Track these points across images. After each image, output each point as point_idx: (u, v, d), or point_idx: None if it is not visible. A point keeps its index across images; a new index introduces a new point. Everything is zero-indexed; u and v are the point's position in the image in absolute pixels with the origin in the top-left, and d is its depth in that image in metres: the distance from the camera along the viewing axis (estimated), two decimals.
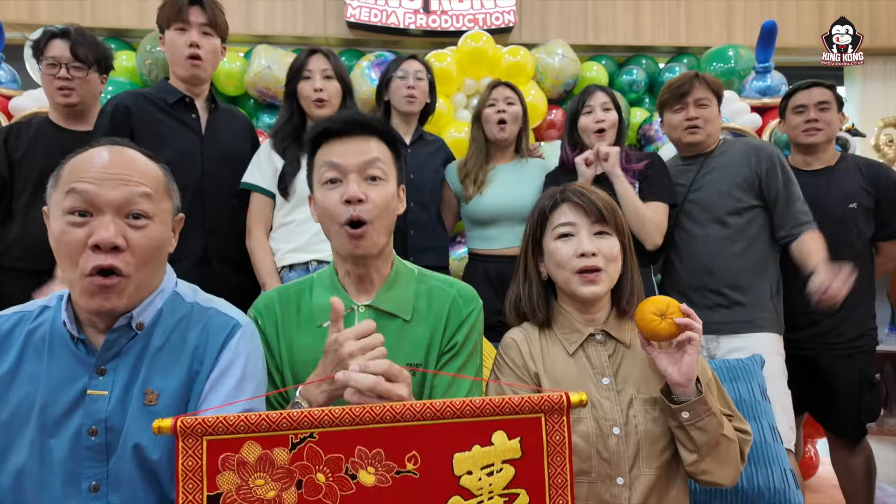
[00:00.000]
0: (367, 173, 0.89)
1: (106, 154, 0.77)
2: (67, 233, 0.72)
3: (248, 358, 0.80)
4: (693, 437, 0.85)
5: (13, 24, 2.86)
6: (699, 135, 1.64)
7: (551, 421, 0.60)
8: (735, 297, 1.55)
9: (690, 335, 0.84)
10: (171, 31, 1.56)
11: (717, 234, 1.58)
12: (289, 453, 0.58)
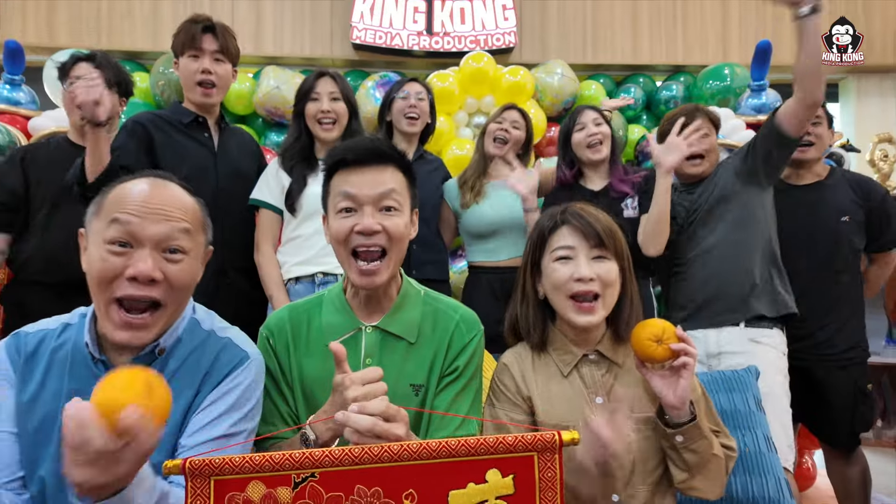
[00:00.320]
0: (381, 204, 0.91)
1: (148, 187, 0.81)
2: (107, 261, 0.77)
3: (245, 390, 0.84)
4: (685, 458, 0.88)
5: (33, 46, 2.95)
6: (702, 166, 1.68)
7: (543, 459, 0.64)
8: None
9: (685, 360, 0.87)
10: (185, 57, 1.63)
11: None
12: (291, 492, 0.61)
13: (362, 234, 0.90)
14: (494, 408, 0.99)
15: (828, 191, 1.77)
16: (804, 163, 1.80)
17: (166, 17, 3.07)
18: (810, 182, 1.81)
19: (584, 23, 3.28)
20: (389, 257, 0.92)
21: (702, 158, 1.66)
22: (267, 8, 3.11)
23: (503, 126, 1.80)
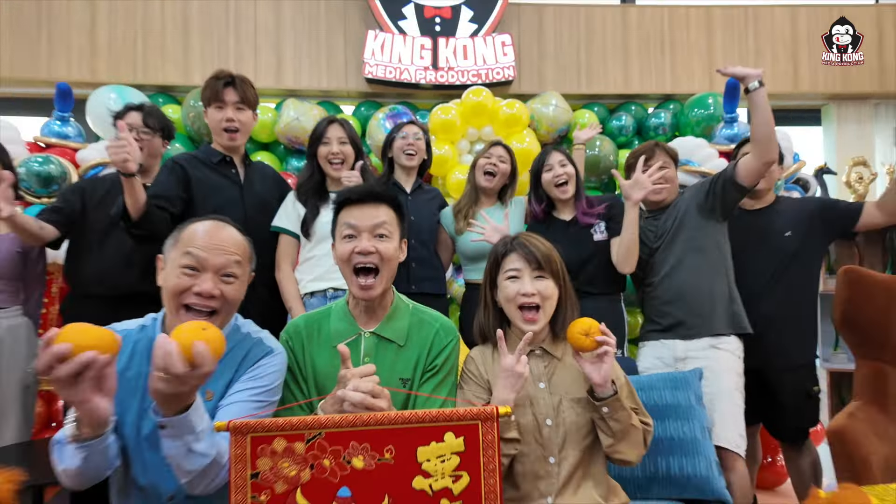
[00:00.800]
0: (376, 232, 1.17)
1: (212, 228, 1.11)
2: (180, 279, 1.06)
3: (270, 374, 1.11)
4: (610, 426, 1.11)
5: (77, 82, 3.27)
6: (664, 193, 1.92)
7: (485, 426, 0.88)
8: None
9: (606, 349, 1.11)
10: (212, 108, 1.90)
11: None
12: (304, 445, 0.86)
13: (360, 254, 1.16)
14: (463, 389, 1.23)
15: (774, 214, 1.99)
16: (757, 192, 2.02)
17: (195, 55, 3.39)
18: (761, 207, 2.03)
19: (578, 55, 3.52)
20: (381, 275, 1.17)
21: (663, 187, 1.90)
22: (287, 45, 3.41)
23: (491, 160, 2.04)
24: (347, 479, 0.86)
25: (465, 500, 0.87)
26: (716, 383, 1.66)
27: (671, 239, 1.85)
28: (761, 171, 1.78)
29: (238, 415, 0.99)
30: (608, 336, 1.11)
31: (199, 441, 0.92)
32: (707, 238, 1.82)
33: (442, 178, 2.95)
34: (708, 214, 1.83)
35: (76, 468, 0.93)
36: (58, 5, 3.31)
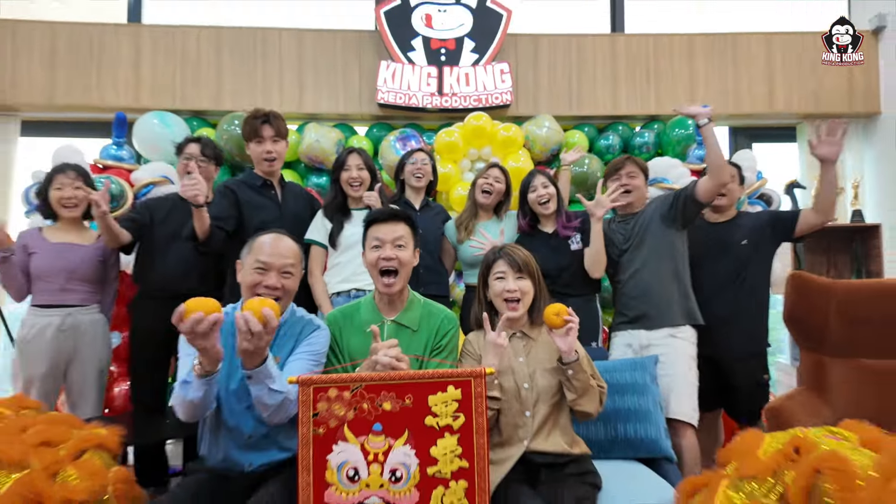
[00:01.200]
0: (396, 243, 1.56)
1: (274, 240, 1.51)
2: (254, 277, 1.45)
3: (317, 343, 1.50)
4: (574, 384, 1.47)
5: (123, 108, 3.69)
6: (630, 197, 2.28)
7: (476, 382, 1.24)
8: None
9: (571, 325, 1.47)
10: (252, 143, 2.28)
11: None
12: (350, 394, 1.23)
13: (385, 260, 1.54)
14: (462, 363, 1.60)
15: (734, 226, 2.34)
16: (719, 208, 2.37)
17: (226, 84, 3.78)
18: (723, 221, 2.38)
19: (570, 80, 3.88)
20: (400, 275, 1.55)
21: (629, 192, 2.26)
22: (308, 74, 3.80)
23: (488, 180, 2.41)
24: (379, 417, 1.23)
25: (462, 433, 1.24)
26: (673, 367, 2.02)
27: (638, 243, 2.20)
28: (716, 191, 2.13)
29: (300, 372, 1.37)
30: (572, 317, 1.48)
31: (275, 383, 1.30)
32: (668, 244, 2.17)
33: (446, 192, 3.32)
34: (670, 223, 2.18)
35: (199, 399, 1.30)
36: (108, 41, 3.73)
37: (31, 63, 3.71)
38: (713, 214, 2.40)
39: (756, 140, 4.19)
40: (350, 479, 1.21)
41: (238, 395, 1.40)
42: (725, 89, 3.90)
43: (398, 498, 1.20)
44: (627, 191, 2.27)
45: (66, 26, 3.74)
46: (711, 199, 2.17)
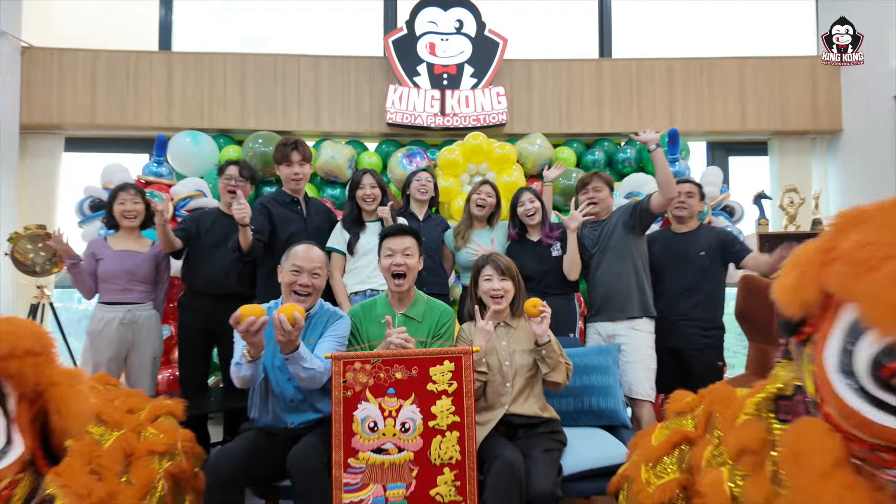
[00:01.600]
0: (405, 252, 1.96)
1: (306, 248, 1.91)
2: (291, 277, 1.85)
3: (341, 328, 1.89)
4: (546, 361, 1.87)
5: (156, 127, 4.12)
6: (597, 207, 2.68)
7: (466, 357, 1.65)
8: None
9: (544, 315, 1.86)
10: (282, 166, 2.69)
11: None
12: (370, 366, 1.63)
13: (396, 266, 1.94)
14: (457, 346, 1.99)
15: (694, 237, 2.73)
16: (682, 219, 2.77)
17: (250, 105, 4.20)
18: (685, 231, 2.77)
19: (560, 101, 4.27)
20: (408, 278, 1.96)
21: (595, 205, 2.67)
22: (323, 96, 4.21)
23: (481, 196, 2.81)
24: (392, 384, 1.64)
25: (455, 396, 1.64)
26: (634, 354, 2.42)
27: (604, 246, 2.61)
28: (666, 204, 2.52)
29: (328, 350, 1.77)
30: (546, 308, 1.87)
31: (307, 363, 1.70)
32: (629, 247, 2.56)
33: (447, 203, 3.72)
34: (630, 230, 2.58)
35: (249, 376, 1.72)
36: (142, 66, 4.16)
37: (74, 86, 4.14)
38: (678, 226, 2.79)
39: (731, 154, 4.58)
40: (370, 429, 1.61)
41: (281, 369, 1.81)
42: (702, 108, 4.29)
43: (407, 444, 1.61)
44: (594, 202, 2.68)
45: (105, 53, 4.17)
46: (663, 210, 2.57)
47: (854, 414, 0.89)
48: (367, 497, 1.60)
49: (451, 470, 1.63)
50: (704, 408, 1.44)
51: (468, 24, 4.12)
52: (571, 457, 1.90)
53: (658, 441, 1.58)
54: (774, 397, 1.16)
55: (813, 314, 0.99)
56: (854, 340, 0.90)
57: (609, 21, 4.51)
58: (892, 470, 0.88)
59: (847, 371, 0.91)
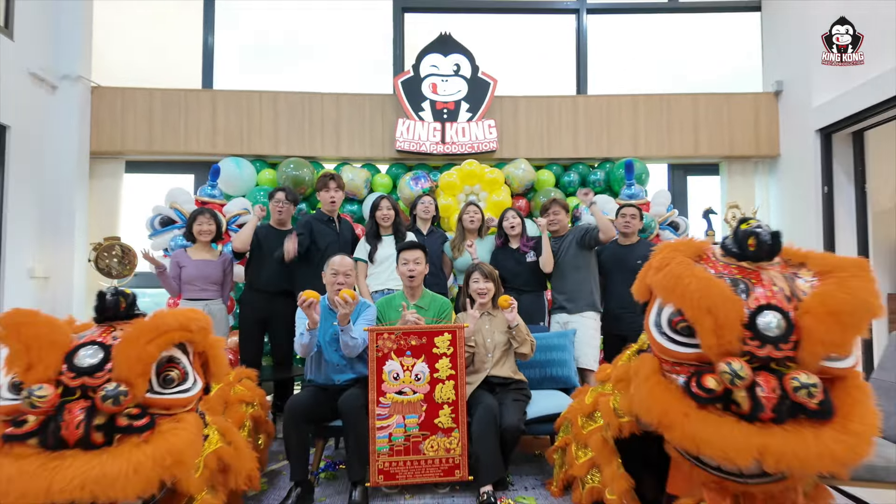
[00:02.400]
0: (415, 261, 2.76)
1: (341, 258, 2.71)
2: (332, 279, 2.65)
3: (368, 313, 2.68)
4: (516, 338, 2.66)
5: (202, 153, 4.92)
6: (555, 226, 3.48)
7: (459, 331, 2.44)
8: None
9: (513, 306, 2.64)
10: (321, 192, 3.51)
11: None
12: (394, 336, 2.42)
13: (409, 271, 2.74)
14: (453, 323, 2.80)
15: (634, 248, 3.50)
16: (627, 234, 3.56)
17: (282, 134, 5.01)
18: (627, 244, 3.55)
19: (542, 131, 5.07)
20: (417, 279, 2.76)
21: (555, 224, 3.47)
22: (343, 127, 5.01)
23: (470, 216, 3.60)
24: (409, 348, 2.44)
25: (451, 357, 2.44)
26: (583, 336, 3.21)
27: (563, 257, 3.41)
28: (606, 240, 3.33)
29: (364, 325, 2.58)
30: (513, 301, 2.66)
31: (353, 333, 2.50)
32: (581, 259, 3.37)
33: (447, 218, 4.53)
34: (582, 247, 3.39)
35: (307, 343, 2.51)
36: (191, 102, 4.97)
37: (135, 119, 4.95)
38: (623, 239, 3.58)
39: (689, 174, 5.38)
40: (394, 378, 2.41)
41: (330, 343, 2.61)
42: (662, 137, 5.09)
43: (419, 388, 2.41)
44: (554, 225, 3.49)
45: (160, 91, 4.98)
46: (607, 242, 3.38)
47: (661, 347, 1.68)
48: (391, 423, 2.40)
49: (448, 406, 2.43)
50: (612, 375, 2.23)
51: (464, 68, 4.93)
52: (534, 406, 2.69)
53: (590, 400, 2.36)
54: (639, 349, 1.96)
55: (646, 298, 1.79)
56: (660, 310, 1.70)
57: (585, 63, 5.32)
58: (680, 375, 1.66)
59: (657, 324, 1.70)
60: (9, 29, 4.21)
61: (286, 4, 5.37)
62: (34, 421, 1.52)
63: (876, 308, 1.55)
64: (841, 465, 1.48)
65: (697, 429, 1.55)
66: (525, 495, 2.49)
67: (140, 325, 1.68)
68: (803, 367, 1.54)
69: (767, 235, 1.72)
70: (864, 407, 1.56)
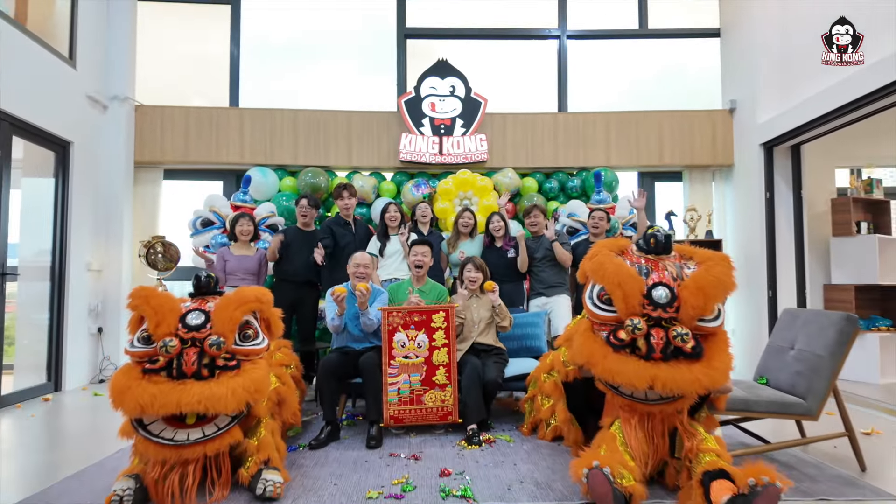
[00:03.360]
0: (423, 254, 3.54)
1: (360, 254, 3.49)
2: (354, 270, 3.44)
3: (381, 297, 3.45)
4: (498, 313, 3.43)
5: (232, 162, 5.68)
6: (535, 228, 4.24)
7: (451, 311, 3.19)
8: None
9: (495, 288, 3.40)
10: (339, 199, 4.27)
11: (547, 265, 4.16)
12: (402, 314, 3.17)
13: (417, 261, 3.52)
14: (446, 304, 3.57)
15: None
16: (596, 234, 4.30)
17: (300, 146, 5.76)
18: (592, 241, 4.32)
19: (526, 143, 5.82)
20: (423, 269, 3.54)
21: (535, 226, 4.22)
22: (354, 140, 5.76)
23: (464, 220, 4.35)
24: (412, 323, 3.20)
25: (445, 329, 3.20)
26: (557, 312, 3.97)
27: (542, 255, 4.16)
28: (568, 264, 4.09)
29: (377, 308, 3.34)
30: (496, 286, 3.41)
31: (371, 314, 3.26)
32: (551, 256, 4.13)
33: (444, 219, 5.28)
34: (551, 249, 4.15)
35: (338, 324, 3.28)
36: (221, 118, 5.72)
37: (173, 133, 5.69)
38: (593, 238, 4.34)
39: (656, 180, 6.13)
40: (401, 346, 3.17)
41: (352, 320, 3.37)
42: (630, 148, 5.84)
43: (421, 354, 3.17)
44: (535, 226, 4.24)
45: (194, 109, 5.73)
46: (568, 264, 4.14)
47: (592, 313, 2.43)
48: (399, 380, 3.16)
49: (443, 367, 3.19)
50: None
51: (459, 89, 5.67)
52: (511, 368, 3.45)
53: (548, 360, 3.12)
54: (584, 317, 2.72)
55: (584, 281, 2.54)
56: (591, 287, 2.45)
57: (565, 85, 6.07)
58: (603, 331, 2.40)
59: (590, 297, 2.45)
60: (73, 60, 4.95)
61: (305, 35, 6.11)
62: (163, 360, 2.27)
63: (729, 285, 2.30)
64: (705, 389, 2.22)
65: (613, 365, 2.29)
66: (502, 434, 3.25)
67: (229, 297, 2.44)
68: (682, 324, 2.29)
69: (662, 237, 2.48)
70: (724, 352, 2.31)
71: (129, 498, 2.19)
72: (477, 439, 3.05)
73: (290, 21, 6.10)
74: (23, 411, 4.03)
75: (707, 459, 2.25)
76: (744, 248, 5.58)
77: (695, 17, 6.14)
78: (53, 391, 4.70)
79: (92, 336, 5.17)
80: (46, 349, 4.72)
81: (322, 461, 2.82)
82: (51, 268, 4.77)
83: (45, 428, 3.63)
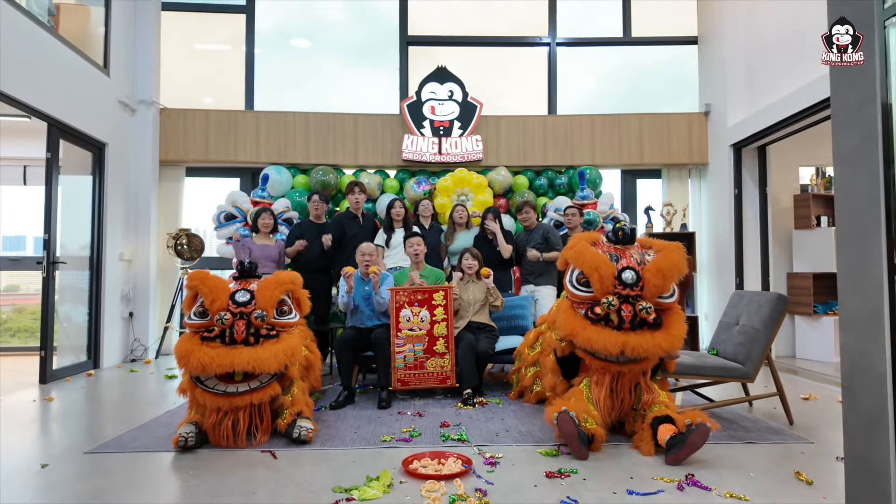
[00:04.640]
0: (418, 244, 4.09)
1: (367, 244, 4.06)
2: (361, 258, 4.00)
3: (389, 281, 3.99)
4: (491, 296, 3.99)
5: (249, 161, 6.20)
6: (526, 223, 4.79)
7: (448, 290, 3.75)
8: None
9: (490, 274, 3.97)
10: (349, 195, 4.81)
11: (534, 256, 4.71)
12: (407, 294, 3.73)
13: (414, 251, 4.07)
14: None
15: None
16: (571, 229, 4.86)
17: (311, 146, 6.27)
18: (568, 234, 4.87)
19: (518, 144, 6.35)
20: (420, 257, 4.09)
21: (527, 220, 4.77)
22: (360, 140, 6.28)
23: (459, 213, 4.90)
24: (416, 301, 3.76)
25: (444, 306, 3.76)
26: (543, 300, 4.52)
27: (532, 245, 4.71)
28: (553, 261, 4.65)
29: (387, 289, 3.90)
30: (490, 272, 3.98)
31: (382, 294, 3.82)
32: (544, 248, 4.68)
33: (443, 214, 5.81)
34: (544, 241, 4.70)
35: (346, 302, 3.84)
36: (238, 120, 6.23)
37: (194, 133, 6.21)
38: (570, 231, 4.89)
39: (637, 178, 6.67)
40: (407, 321, 3.73)
41: (363, 300, 3.93)
42: (613, 148, 6.38)
43: (423, 327, 3.73)
44: (527, 220, 4.79)
45: (213, 112, 6.24)
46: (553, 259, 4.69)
47: (572, 293, 2.96)
48: (405, 349, 3.72)
49: (442, 339, 3.75)
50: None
51: (457, 93, 6.19)
52: (501, 343, 4.01)
53: (531, 336, 3.68)
54: (565, 297, 3.27)
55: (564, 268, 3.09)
56: (571, 272, 3.00)
57: (555, 89, 6.59)
58: (581, 308, 2.94)
59: (570, 280, 2.99)
60: (107, 68, 5.46)
61: (314, 43, 6.61)
62: (218, 330, 2.82)
63: (683, 268, 2.83)
64: (665, 352, 2.77)
65: (590, 335, 2.82)
66: (494, 398, 3.81)
67: (269, 279, 3.00)
68: (646, 300, 2.83)
69: (628, 230, 3.02)
70: (678, 323, 2.85)
71: (193, 439, 2.75)
72: (471, 401, 3.61)
73: (301, 30, 6.60)
74: (72, 384, 4.58)
75: (657, 409, 2.81)
76: (715, 240, 6.13)
77: (675, 26, 6.65)
78: (93, 368, 5.25)
79: (123, 320, 5.71)
80: (86, 331, 5.27)
81: (342, 417, 3.39)
82: (89, 258, 5.30)
83: (97, 396, 4.18)
